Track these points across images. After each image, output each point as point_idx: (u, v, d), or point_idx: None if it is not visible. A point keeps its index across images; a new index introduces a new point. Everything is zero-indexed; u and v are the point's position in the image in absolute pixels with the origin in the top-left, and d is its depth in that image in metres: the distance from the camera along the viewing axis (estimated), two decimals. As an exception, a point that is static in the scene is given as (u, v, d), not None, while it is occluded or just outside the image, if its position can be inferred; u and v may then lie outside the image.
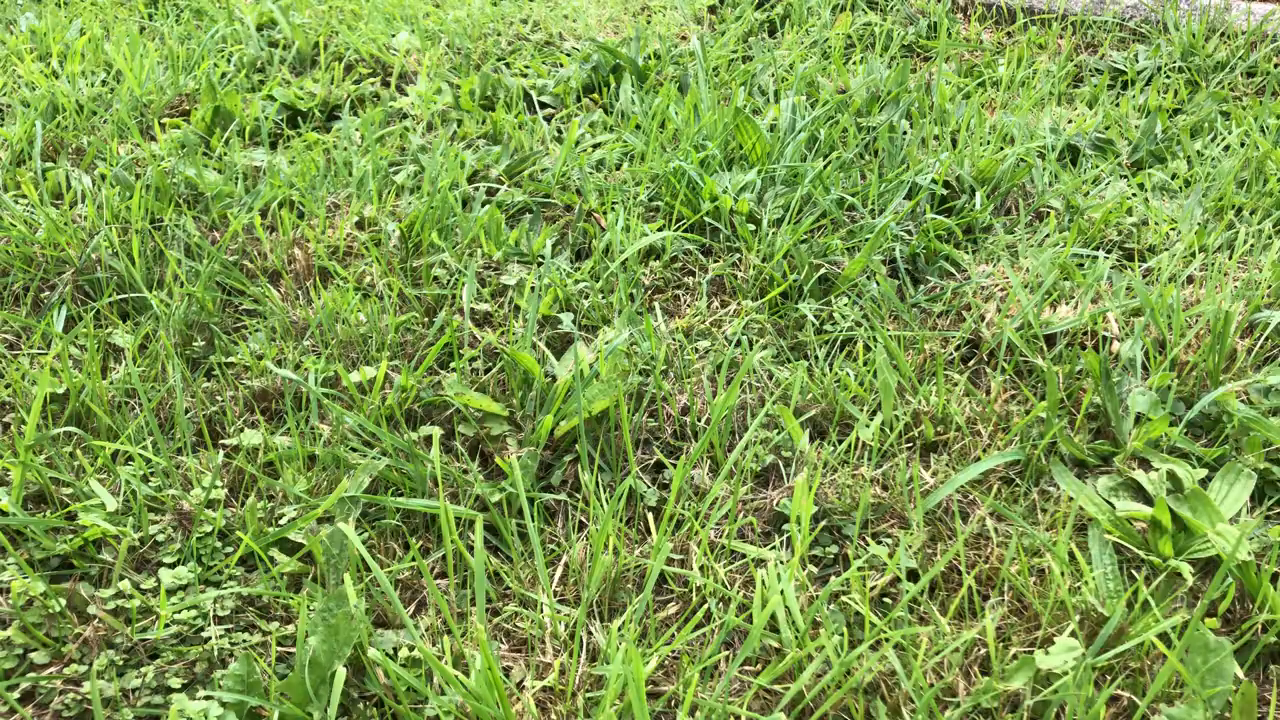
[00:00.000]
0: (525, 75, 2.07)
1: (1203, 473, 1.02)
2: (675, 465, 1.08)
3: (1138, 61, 1.94)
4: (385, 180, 1.61)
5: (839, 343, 1.28)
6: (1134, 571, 0.95)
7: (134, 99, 1.82)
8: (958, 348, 1.26)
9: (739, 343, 1.26)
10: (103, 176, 1.58)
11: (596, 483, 1.05)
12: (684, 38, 2.31)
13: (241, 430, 1.12)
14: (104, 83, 1.91)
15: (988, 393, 1.18)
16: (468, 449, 1.12)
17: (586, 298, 1.35)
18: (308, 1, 2.35)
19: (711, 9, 2.52)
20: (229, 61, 2.02)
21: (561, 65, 2.13)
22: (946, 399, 1.14)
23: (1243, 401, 1.12)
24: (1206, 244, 1.38)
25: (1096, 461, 1.08)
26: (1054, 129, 1.70)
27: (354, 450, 1.08)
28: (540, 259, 1.44)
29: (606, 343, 1.21)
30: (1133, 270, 1.36)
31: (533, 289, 1.34)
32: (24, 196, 1.52)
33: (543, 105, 1.97)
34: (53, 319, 1.26)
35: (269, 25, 2.20)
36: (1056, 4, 2.15)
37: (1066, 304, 1.29)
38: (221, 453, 1.08)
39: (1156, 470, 1.03)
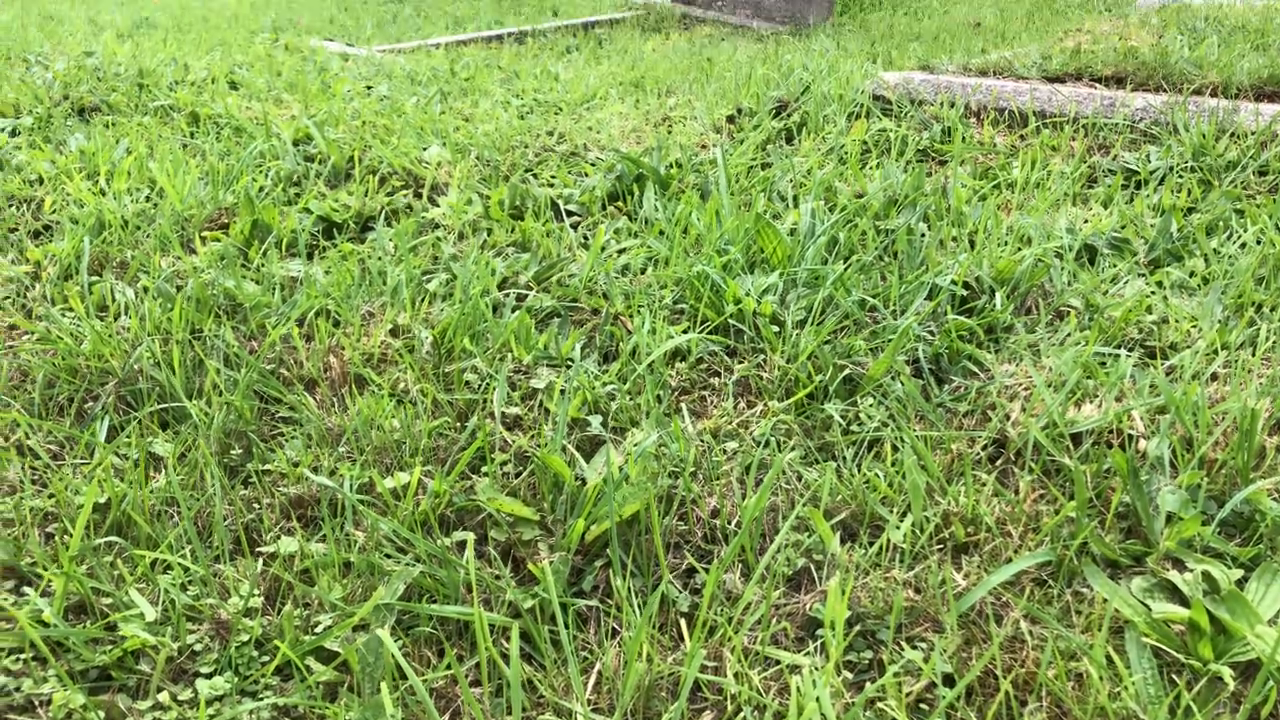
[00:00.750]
0: (552, 185, 2.14)
1: (1238, 573, 1.01)
2: (707, 569, 1.08)
3: (1150, 162, 1.98)
4: (418, 288, 1.66)
5: (866, 443, 1.29)
6: (1174, 676, 0.94)
7: (176, 214, 1.89)
8: (984, 447, 1.27)
9: (767, 444, 1.28)
10: (145, 289, 1.63)
11: (628, 588, 1.06)
12: (704, 146, 2.38)
13: (278, 538, 1.14)
14: (148, 199, 1.99)
15: (1016, 492, 1.18)
16: (500, 554, 1.13)
17: (615, 399, 1.37)
18: (342, 117, 2.44)
19: (730, 118, 2.60)
20: (267, 176, 2.10)
21: (586, 175, 2.19)
22: (975, 499, 1.14)
23: (1275, 500, 1.12)
24: (1229, 341, 1.39)
25: (1129, 562, 1.07)
26: (1070, 229, 1.74)
27: (388, 557, 1.09)
28: (569, 362, 1.47)
29: (635, 445, 1.23)
30: (1155, 368, 1.37)
31: (562, 392, 1.37)
32: (71, 310, 1.57)
33: (569, 213, 2.03)
34: (96, 429, 1.29)
35: (305, 141, 2.29)
36: (1067, 108, 2.21)
37: (1090, 402, 1.30)
38: (259, 560, 1.09)
39: (1191, 571, 1.02)
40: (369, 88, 2.92)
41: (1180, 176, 1.93)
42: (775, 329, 1.50)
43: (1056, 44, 2.98)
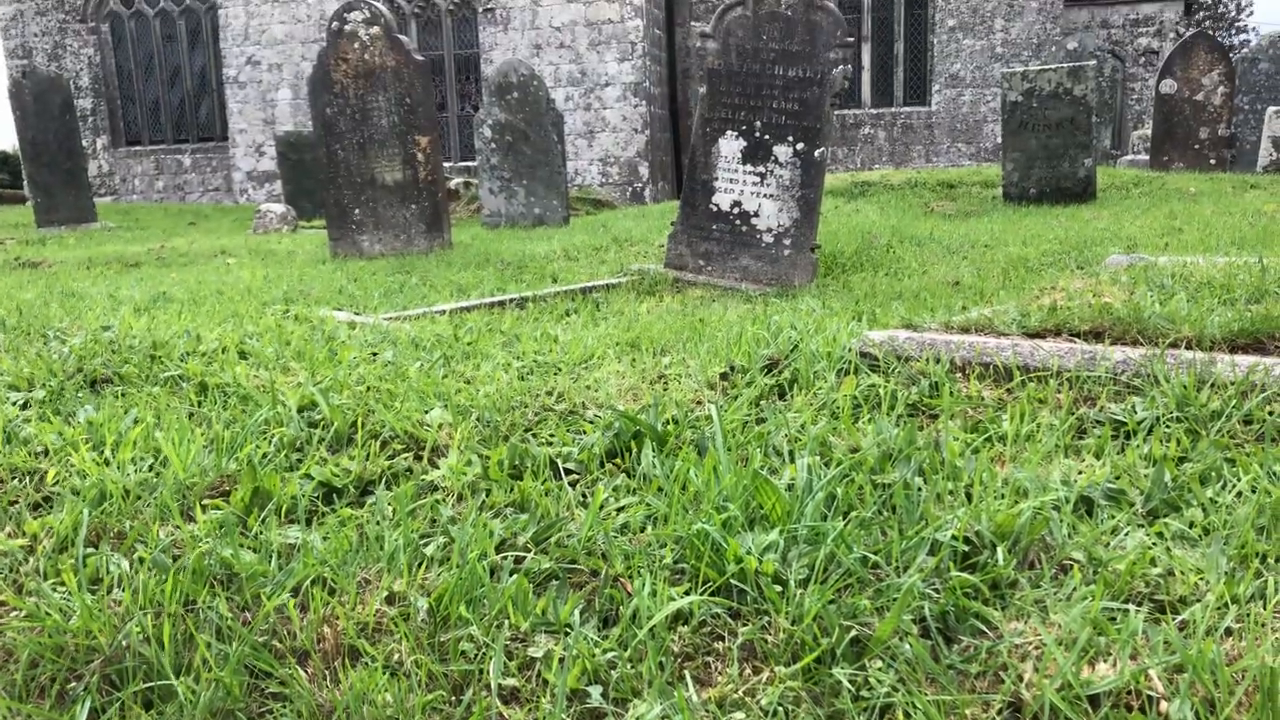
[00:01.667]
0: (551, 443, 2.17)
1: None
2: None
3: (1136, 413, 2.03)
4: (415, 553, 1.65)
5: (878, 710, 1.24)
6: None
7: (178, 482, 1.91)
8: (999, 711, 1.22)
9: (775, 713, 1.23)
10: (141, 560, 1.62)
11: None
12: (699, 403, 2.44)
13: (259, 829, 1.07)
14: (151, 467, 2.01)
15: (1039, 762, 1.13)
16: (495, 844, 1.06)
17: (615, 668, 1.33)
18: (347, 383, 2.52)
19: (723, 376, 2.67)
20: (270, 443, 2.14)
21: (585, 433, 2.23)
22: (996, 771, 1.08)
23: (1309, 764, 1.07)
24: (1238, 594, 1.37)
25: (1166, 839, 1.01)
26: (1065, 481, 1.75)
27: None
28: (567, 628, 1.44)
29: (638, 718, 1.18)
30: (1167, 623, 1.34)
31: (561, 661, 1.33)
32: (63, 584, 1.55)
33: (568, 471, 2.05)
34: (76, 713, 1.24)
35: (310, 407, 2.35)
36: (1050, 362, 2.28)
37: (1104, 661, 1.27)
38: None
39: None
40: (374, 354, 3.02)
41: (1167, 426, 1.97)
42: (778, 588, 1.48)
43: (1033, 301, 3.12)
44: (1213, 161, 12.45)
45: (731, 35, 5.98)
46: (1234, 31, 38.60)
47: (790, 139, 5.92)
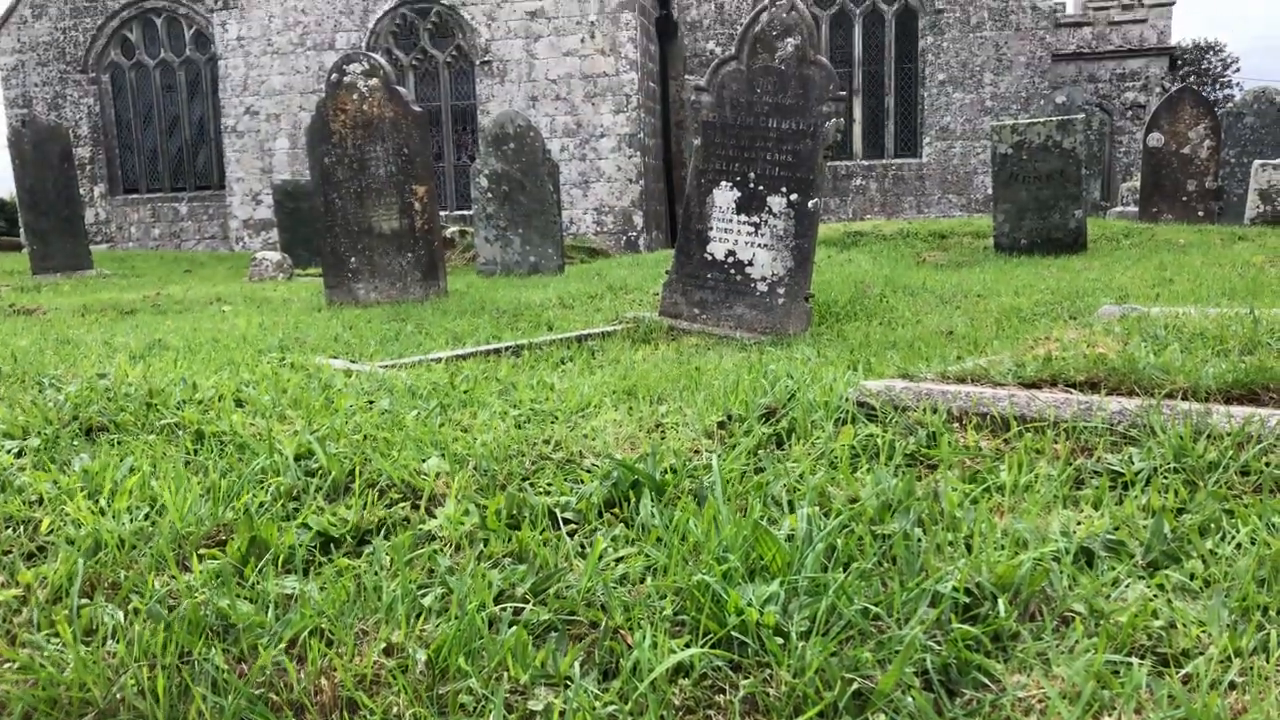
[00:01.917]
0: (549, 493, 2.16)
1: None
2: None
3: (1133, 463, 2.03)
4: (413, 604, 1.63)
5: (881, 765, 1.23)
6: None
7: (174, 532, 1.90)
8: (1006, 767, 1.21)
9: (777, 769, 1.21)
10: (136, 611, 1.60)
11: None
12: (697, 452, 2.44)
13: None
14: (147, 516, 2.00)
15: (1045, 818, 1.12)
16: None
17: (616, 722, 1.31)
18: (343, 432, 2.51)
19: (721, 424, 2.67)
20: (267, 492, 2.13)
21: (583, 482, 2.22)
22: (1003, 828, 1.07)
23: (1318, 821, 1.06)
24: (1240, 647, 1.37)
25: None
26: (1064, 532, 1.75)
27: None
28: (567, 681, 1.42)
29: (639, 773, 1.16)
30: (1170, 677, 1.34)
31: (561, 714, 1.32)
32: (57, 635, 1.54)
33: (566, 521, 2.04)
34: (70, 766, 1.23)
35: (306, 455, 2.34)
36: (1046, 412, 2.29)
37: (1109, 715, 1.26)
38: None
39: None
40: (371, 402, 3.01)
41: (1165, 477, 1.98)
42: (779, 640, 1.47)
43: (1028, 351, 3.14)
44: (1201, 213, 12.59)
45: (726, 89, 6.07)
46: (1219, 87, 39.31)
47: (784, 190, 5.98)
